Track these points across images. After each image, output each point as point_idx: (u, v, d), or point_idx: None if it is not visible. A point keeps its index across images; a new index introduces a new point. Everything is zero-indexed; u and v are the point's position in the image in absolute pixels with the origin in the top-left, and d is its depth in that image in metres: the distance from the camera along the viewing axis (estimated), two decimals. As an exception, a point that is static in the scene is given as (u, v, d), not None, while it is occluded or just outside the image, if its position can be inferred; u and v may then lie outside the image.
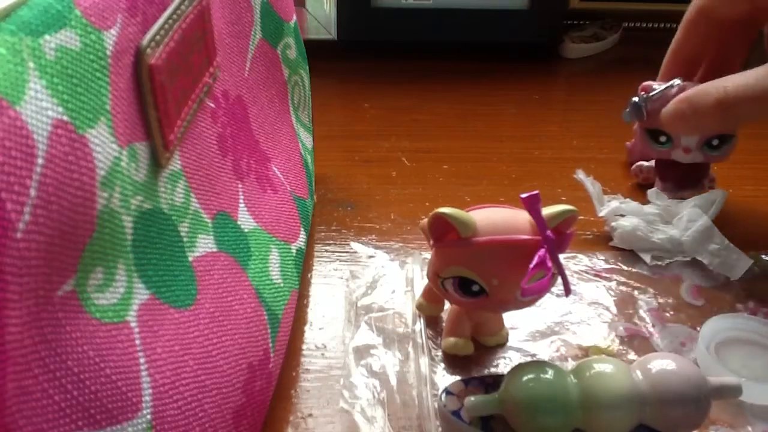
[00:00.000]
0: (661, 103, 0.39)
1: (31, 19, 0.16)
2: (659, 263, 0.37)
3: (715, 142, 0.40)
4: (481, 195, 0.43)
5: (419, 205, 0.42)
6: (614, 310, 0.34)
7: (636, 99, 0.40)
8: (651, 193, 0.39)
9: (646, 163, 0.44)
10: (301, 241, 0.34)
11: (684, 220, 0.37)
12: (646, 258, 0.37)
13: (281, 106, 0.36)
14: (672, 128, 0.37)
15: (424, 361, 0.31)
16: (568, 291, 0.27)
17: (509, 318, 0.33)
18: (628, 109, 0.40)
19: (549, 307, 0.34)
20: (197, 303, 0.23)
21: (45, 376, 0.16)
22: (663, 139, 0.41)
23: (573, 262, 0.37)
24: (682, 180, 0.42)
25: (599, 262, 0.37)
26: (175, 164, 0.23)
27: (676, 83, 0.39)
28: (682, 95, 0.36)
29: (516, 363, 0.31)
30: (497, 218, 0.27)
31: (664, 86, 0.39)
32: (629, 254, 0.38)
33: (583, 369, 0.26)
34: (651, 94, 0.39)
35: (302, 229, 0.34)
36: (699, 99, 0.34)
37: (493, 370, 0.31)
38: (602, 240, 0.39)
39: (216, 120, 0.27)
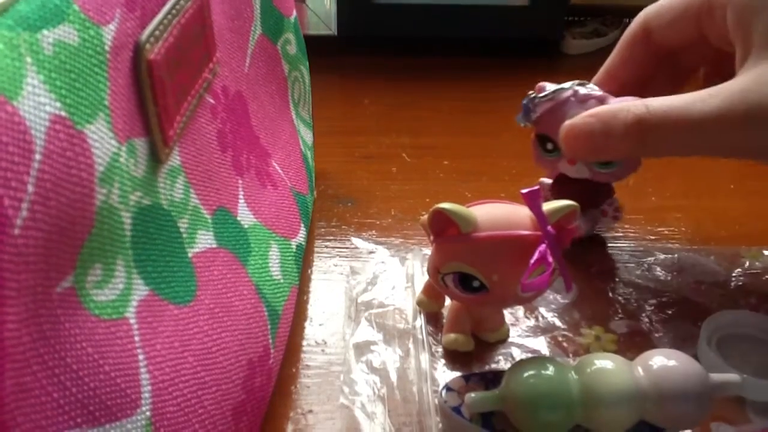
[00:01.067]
0: (551, 105, 0.33)
1: (28, 14, 0.15)
2: (661, 259, 0.37)
3: None
4: (482, 191, 0.43)
5: (419, 201, 0.42)
6: (615, 306, 0.34)
7: (524, 100, 0.35)
8: None
9: (547, 180, 0.38)
10: (301, 237, 0.33)
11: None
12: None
13: (281, 102, 0.36)
14: (573, 148, 0.30)
15: (424, 357, 0.31)
16: (569, 286, 0.27)
17: (510, 314, 0.33)
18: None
19: (550, 302, 0.34)
20: (197, 299, 0.23)
21: (43, 373, 0.16)
22: (549, 146, 0.34)
23: (574, 257, 0.37)
24: (577, 200, 0.30)
25: (600, 257, 0.37)
26: (175, 160, 0.23)
27: (568, 85, 0.33)
28: (591, 111, 0.30)
29: (517, 359, 0.31)
30: (498, 214, 0.27)
31: (556, 87, 0.33)
32: (631, 250, 0.38)
33: (584, 365, 0.26)
34: (541, 94, 0.34)
35: (302, 224, 0.34)
36: (613, 116, 0.28)
37: (493, 366, 0.31)
38: (604, 235, 0.39)
39: (216, 116, 0.26)
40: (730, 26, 0.28)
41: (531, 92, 0.35)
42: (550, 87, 0.34)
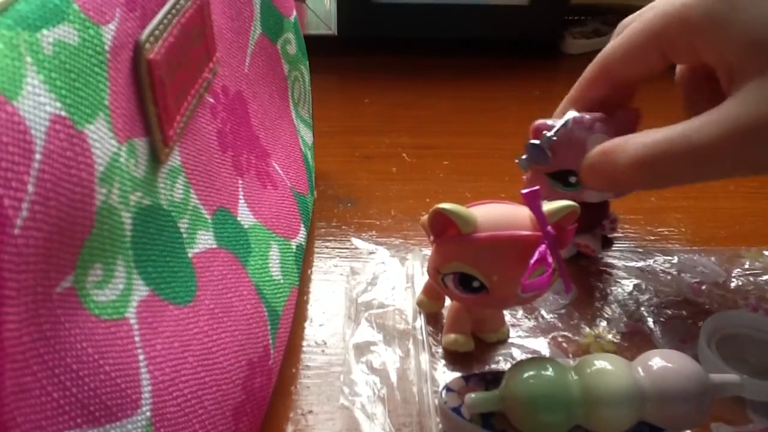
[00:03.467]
0: (564, 139, 0.32)
1: (28, 14, 0.15)
2: (661, 259, 0.37)
3: None
4: (482, 191, 0.43)
5: (419, 201, 0.42)
6: (615, 306, 0.34)
7: (536, 141, 0.33)
8: None
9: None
10: (301, 238, 0.33)
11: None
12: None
13: (281, 102, 0.36)
14: (590, 182, 0.31)
15: (424, 357, 0.31)
16: (568, 287, 0.27)
17: (510, 314, 0.33)
18: (524, 156, 0.34)
19: (549, 303, 0.34)
20: (197, 299, 0.23)
21: (43, 373, 0.16)
22: (573, 179, 0.34)
23: (574, 258, 0.37)
24: (583, 223, 0.31)
25: (600, 258, 0.37)
26: (175, 160, 0.23)
27: (570, 117, 0.33)
28: (602, 146, 0.30)
29: (517, 359, 0.31)
30: (498, 214, 0.27)
31: (560, 123, 0.33)
32: (631, 250, 0.38)
33: (584, 365, 0.26)
34: (551, 133, 0.33)
35: (302, 225, 0.34)
36: (615, 154, 0.29)
37: (493, 366, 0.31)
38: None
39: (216, 115, 0.26)
40: (703, 54, 0.28)
41: (543, 132, 0.33)
42: (549, 123, 0.33)
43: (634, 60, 0.31)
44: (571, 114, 0.33)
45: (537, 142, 0.33)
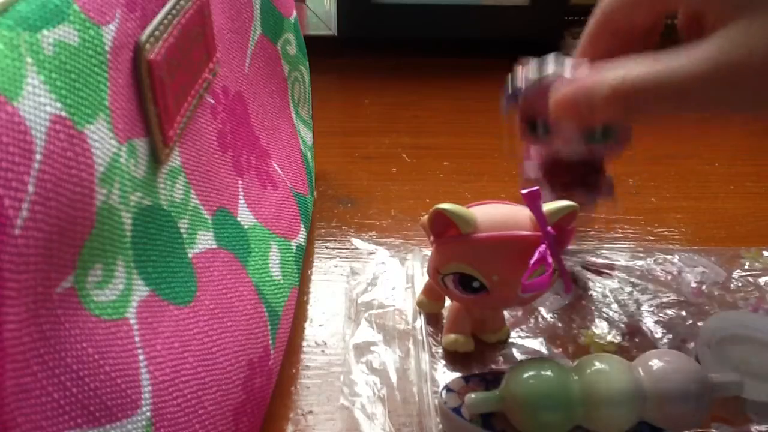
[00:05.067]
0: (538, 88, 0.32)
1: (29, 14, 0.15)
2: (661, 259, 0.37)
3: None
4: (482, 191, 0.43)
5: (419, 201, 0.42)
6: (615, 306, 0.34)
7: (508, 88, 0.33)
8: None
9: (531, 162, 0.36)
10: (301, 238, 0.33)
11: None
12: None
13: (281, 102, 0.36)
14: (563, 116, 0.30)
15: (424, 358, 0.31)
16: (568, 287, 0.27)
17: (509, 315, 0.33)
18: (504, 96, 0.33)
19: (550, 303, 0.34)
20: (197, 300, 0.23)
21: (44, 373, 0.16)
22: (540, 130, 0.33)
23: (574, 258, 0.37)
24: (571, 184, 0.32)
25: (600, 258, 0.37)
26: (175, 160, 0.23)
27: (551, 70, 0.32)
28: (576, 81, 0.29)
29: (517, 360, 0.31)
30: (498, 214, 0.27)
31: (541, 73, 0.32)
32: (630, 250, 0.38)
33: (584, 366, 0.26)
34: (528, 83, 0.32)
35: (302, 225, 0.34)
36: (593, 86, 0.28)
37: (493, 366, 0.31)
38: (604, 236, 0.39)
39: (216, 116, 0.26)
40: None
41: (511, 75, 0.33)
42: (533, 64, 0.33)
43: (632, 6, 0.31)
44: (554, 64, 0.32)
45: (509, 88, 0.33)
